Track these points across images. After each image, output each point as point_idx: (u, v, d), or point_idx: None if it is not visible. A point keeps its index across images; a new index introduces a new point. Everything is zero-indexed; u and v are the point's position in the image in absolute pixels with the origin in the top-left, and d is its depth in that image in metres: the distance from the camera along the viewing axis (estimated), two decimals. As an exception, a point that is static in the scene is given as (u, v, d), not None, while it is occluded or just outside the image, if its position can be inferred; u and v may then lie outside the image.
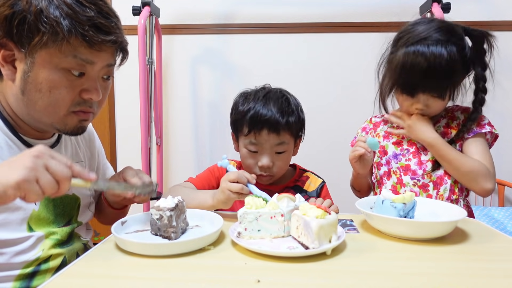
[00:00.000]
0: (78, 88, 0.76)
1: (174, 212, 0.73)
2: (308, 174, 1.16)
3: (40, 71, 0.72)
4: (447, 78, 0.99)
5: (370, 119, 1.26)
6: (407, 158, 1.11)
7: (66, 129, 0.79)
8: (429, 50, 0.97)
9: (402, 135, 1.11)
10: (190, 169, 2.16)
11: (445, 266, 0.64)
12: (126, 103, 2.19)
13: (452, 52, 0.97)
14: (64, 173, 0.61)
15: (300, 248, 0.69)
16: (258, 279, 0.58)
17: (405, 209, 0.79)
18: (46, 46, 0.71)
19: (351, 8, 2.06)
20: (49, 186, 0.60)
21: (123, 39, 0.80)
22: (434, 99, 1.02)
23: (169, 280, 0.59)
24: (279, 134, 1.01)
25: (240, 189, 0.85)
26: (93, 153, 1.02)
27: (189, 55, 2.15)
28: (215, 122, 2.17)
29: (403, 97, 1.05)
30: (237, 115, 1.07)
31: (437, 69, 0.96)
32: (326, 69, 2.11)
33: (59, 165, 0.61)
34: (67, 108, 0.76)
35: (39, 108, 0.75)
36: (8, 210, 0.74)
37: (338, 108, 2.10)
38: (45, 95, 0.73)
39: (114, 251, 0.70)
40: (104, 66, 0.79)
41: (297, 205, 0.77)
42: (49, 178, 0.60)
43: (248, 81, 2.12)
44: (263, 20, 2.09)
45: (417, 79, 0.99)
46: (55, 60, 0.72)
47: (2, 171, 0.58)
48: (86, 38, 0.71)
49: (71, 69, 0.73)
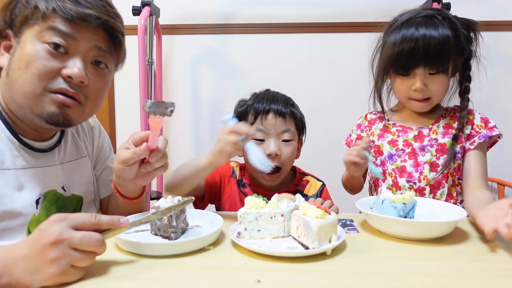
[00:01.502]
0: (58, 64, 0.73)
1: (174, 212, 0.73)
2: (308, 178, 1.16)
3: (22, 48, 0.72)
4: (442, 50, 0.95)
5: (366, 116, 1.22)
6: (403, 159, 1.07)
7: (43, 114, 0.74)
8: (420, 20, 0.96)
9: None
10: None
11: (445, 266, 0.64)
12: (126, 103, 2.19)
13: (444, 24, 0.95)
14: (93, 242, 0.56)
15: (300, 248, 0.69)
16: (258, 279, 0.58)
17: (405, 209, 0.79)
18: (28, 23, 0.72)
19: (351, 8, 2.06)
20: (85, 261, 0.57)
21: (110, 20, 0.77)
22: (432, 76, 0.98)
23: (169, 280, 0.59)
24: (285, 119, 1.03)
25: (234, 141, 0.82)
26: (97, 146, 1.00)
27: (189, 55, 2.14)
28: (215, 122, 2.17)
29: (399, 79, 1.02)
30: (242, 108, 1.10)
31: (430, 38, 0.94)
32: (326, 69, 2.11)
33: (84, 237, 0.56)
34: (43, 85, 0.72)
35: (18, 87, 0.72)
36: (8, 217, 0.74)
37: (338, 109, 2.10)
38: (24, 71, 0.72)
39: (114, 251, 0.70)
40: (92, 47, 0.76)
41: (297, 205, 0.77)
42: (81, 255, 0.56)
43: (248, 81, 2.13)
44: (263, 20, 2.09)
45: (411, 51, 0.95)
46: (35, 35, 0.72)
47: (26, 271, 0.55)
48: (63, 10, 0.71)
49: (49, 42, 0.72)
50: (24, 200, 0.77)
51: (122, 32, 0.82)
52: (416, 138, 1.07)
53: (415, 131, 1.08)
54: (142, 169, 0.78)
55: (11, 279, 0.55)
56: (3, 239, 0.73)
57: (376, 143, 1.12)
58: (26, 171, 0.78)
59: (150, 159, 0.76)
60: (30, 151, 0.80)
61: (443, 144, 1.03)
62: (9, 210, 0.74)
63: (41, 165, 0.82)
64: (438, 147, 1.04)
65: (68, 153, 0.90)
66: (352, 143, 1.20)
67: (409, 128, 1.09)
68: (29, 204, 0.77)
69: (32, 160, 0.80)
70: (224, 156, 0.85)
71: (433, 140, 1.05)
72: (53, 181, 0.83)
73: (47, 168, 0.83)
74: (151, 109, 0.69)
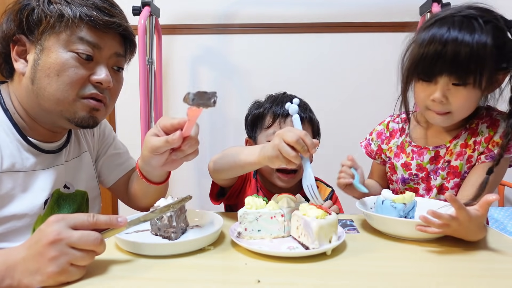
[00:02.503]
0: (87, 72, 0.76)
1: (174, 212, 0.73)
2: (317, 183, 1.15)
3: (48, 56, 0.74)
4: (474, 59, 0.80)
5: (388, 124, 1.09)
6: (416, 182, 1.01)
7: (76, 118, 0.78)
8: (456, 20, 0.82)
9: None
10: (190, 169, 2.16)
11: (445, 266, 0.64)
12: (126, 103, 2.18)
13: (484, 29, 0.80)
14: (92, 241, 0.56)
15: (300, 248, 0.69)
16: (258, 279, 0.58)
17: (405, 209, 0.79)
18: (53, 31, 0.73)
19: (351, 8, 2.06)
20: (85, 260, 0.56)
21: (128, 26, 0.82)
22: (456, 88, 0.85)
23: (169, 280, 0.59)
24: (303, 125, 1.01)
25: (293, 157, 0.72)
26: (98, 135, 1.01)
27: (189, 55, 2.15)
28: (215, 122, 2.17)
29: (420, 84, 0.89)
30: (257, 112, 1.08)
31: (462, 43, 0.80)
32: (326, 69, 2.11)
33: (82, 236, 0.56)
34: (76, 92, 0.76)
35: (48, 94, 0.75)
36: (14, 218, 0.75)
37: (339, 109, 2.10)
38: (53, 79, 0.74)
39: (114, 251, 0.70)
40: (112, 54, 0.80)
41: (297, 205, 0.77)
42: (80, 254, 0.56)
43: (248, 81, 2.13)
44: (263, 20, 2.09)
45: (437, 54, 0.82)
46: (62, 43, 0.74)
47: (26, 272, 0.55)
48: (91, 19, 0.74)
49: (78, 52, 0.74)
50: (32, 202, 0.78)
51: (133, 31, 0.85)
52: (432, 160, 0.98)
53: (432, 151, 0.98)
54: (172, 156, 0.77)
55: (12, 282, 0.55)
56: (9, 241, 0.73)
57: (392, 161, 1.05)
58: (35, 173, 0.80)
59: (183, 146, 0.74)
60: (39, 153, 0.81)
61: (455, 167, 0.95)
62: (16, 211, 0.75)
63: (49, 166, 0.83)
64: (450, 170, 0.96)
65: (71, 150, 0.91)
66: (373, 154, 1.12)
67: (425, 149, 0.99)
68: (37, 205, 0.78)
69: (41, 161, 0.81)
70: (277, 165, 0.77)
71: (446, 163, 0.96)
72: (58, 180, 0.84)
73: (53, 168, 0.84)
74: (194, 102, 0.62)
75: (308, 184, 0.77)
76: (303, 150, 0.72)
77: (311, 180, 0.76)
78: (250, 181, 1.11)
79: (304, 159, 0.76)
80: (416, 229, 0.71)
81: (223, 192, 1.08)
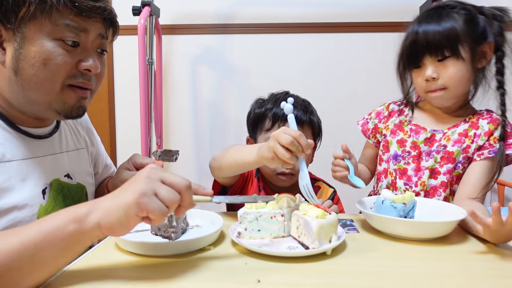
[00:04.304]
0: (74, 59, 0.74)
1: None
2: (320, 184, 1.15)
3: (31, 45, 0.70)
4: (445, 36, 0.92)
5: (388, 105, 1.15)
6: (406, 161, 1.03)
7: (65, 108, 0.76)
8: (427, 14, 0.96)
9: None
10: (190, 169, 2.16)
11: (445, 266, 0.64)
12: (126, 103, 2.19)
13: (451, 13, 0.93)
14: (182, 181, 0.57)
15: (300, 248, 0.69)
16: (258, 279, 0.58)
17: (405, 209, 0.79)
18: (35, 18, 0.69)
19: (351, 8, 2.06)
20: (169, 197, 0.56)
21: (112, 9, 0.80)
22: (442, 63, 0.94)
23: (169, 280, 0.59)
24: (302, 127, 1.02)
25: (288, 158, 0.72)
26: (92, 141, 1.01)
27: (189, 55, 2.15)
28: (215, 122, 2.17)
29: (414, 73, 1.01)
30: (259, 112, 1.08)
31: (429, 28, 0.93)
32: (327, 69, 2.11)
33: (174, 176, 0.58)
34: (63, 81, 0.73)
35: (34, 85, 0.72)
36: (15, 209, 0.73)
37: (339, 109, 2.10)
38: (40, 69, 0.71)
39: (114, 251, 0.70)
40: (97, 36, 0.77)
41: (297, 205, 0.77)
42: (168, 189, 0.56)
43: (248, 81, 2.13)
44: (263, 20, 2.09)
45: (414, 43, 0.95)
46: (46, 31, 0.70)
47: (118, 195, 0.56)
48: (75, 4, 0.71)
49: (64, 39, 0.71)
50: (30, 191, 0.76)
51: (116, 14, 0.83)
52: (427, 141, 1.02)
53: (428, 133, 1.02)
54: None
55: (96, 215, 0.55)
56: None
57: (387, 138, 1.08)
58: (28, 161, 0.78)
59: None
60: (30, 139, 0.79)
61: (451, 152, 0.98)
62: (16, 202, 0.73)
63: (43, 153, 0.82)
64: (445, 155, 0.98)
65: (69, 142, 0.91)
66: (368, 132, 1.15)
67: (422, 129, 1.03)
68: (35, 194, 0.77)
69: (34, 149, 0.80)
70: (272, 165, 0.78)
71: (442, 147, 0.99)
72: (57, 169, 0.84)
73: (49, 156, 0.83)
74: (160, 158, 0.79)
75: (303, 184, 0.77)
76: (297, 151, 0.72)
77: (306, 180, 0.76)
78: (252, 180, 1.11)
79: (300, 159, 0.76)
80: (469, 215, 0.70)
81: (224, 191, 1.08)
